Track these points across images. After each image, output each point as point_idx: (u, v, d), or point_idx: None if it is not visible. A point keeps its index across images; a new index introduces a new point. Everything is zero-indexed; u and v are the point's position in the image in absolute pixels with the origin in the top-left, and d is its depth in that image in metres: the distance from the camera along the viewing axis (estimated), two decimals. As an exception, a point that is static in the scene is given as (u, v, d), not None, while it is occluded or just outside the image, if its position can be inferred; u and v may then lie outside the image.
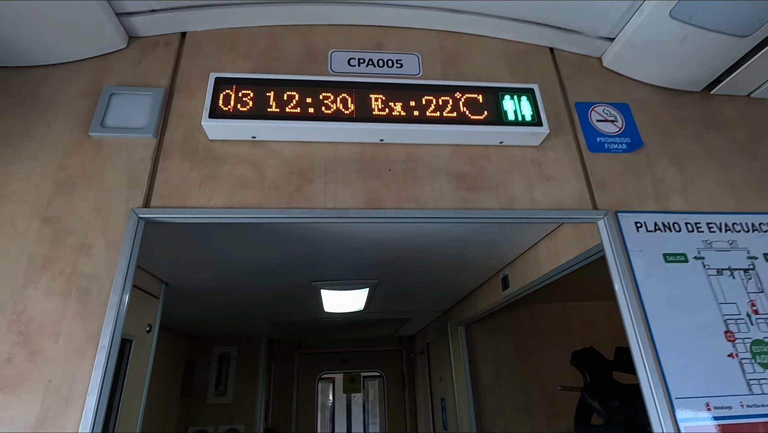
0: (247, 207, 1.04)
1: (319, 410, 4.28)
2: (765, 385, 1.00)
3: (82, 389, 0.84)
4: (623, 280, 1.07)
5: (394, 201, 1.09)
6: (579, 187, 1.18)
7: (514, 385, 2.55)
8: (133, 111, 1.12)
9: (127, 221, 0.99)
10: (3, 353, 0.86)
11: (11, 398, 0.83)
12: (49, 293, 0.91)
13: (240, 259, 1.62)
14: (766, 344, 1.04)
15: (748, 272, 1.13)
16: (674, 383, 0.98)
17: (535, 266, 1.60)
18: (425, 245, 1.58)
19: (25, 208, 0.99)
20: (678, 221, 1.17)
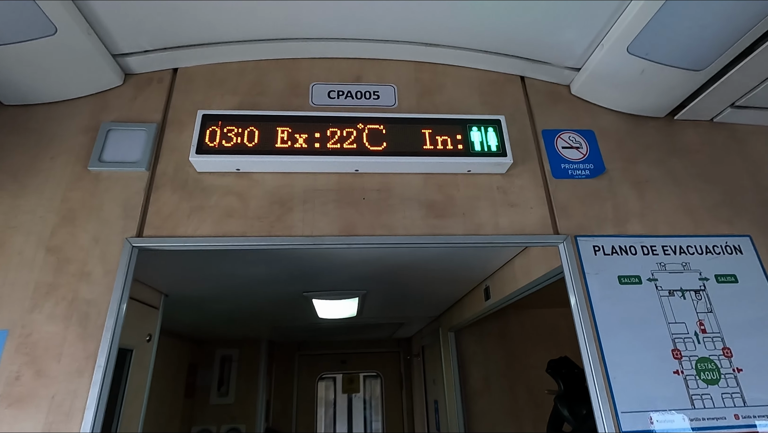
0: (231, 236, 1.14)
1: (322, 407, 4.39)
2: (707, 400, 1.08)
3: (81, 404, 0.95)
4: (578, 300, 1.15)
5: (368, 228, 1.19)
6: (542, 212, 1.26)
7: (502, 389, 2.63)
8: (128, 146, 1.22)
9: (121, 250, 1.09)
10: (12, 373, 0.96)
11: (20, 413, 0.93)
12: (52, 317, 1.02)
13: (233, 274, 1.73)
14: (711, 361, 1.12)
15: (698, 293, 1.20)
16: (621, 397, 1.06)
17: (512, 280, 1.69)
18: (407, 261, 1.67)
19: (32, 239, 1.10)
20: (635, 244, 1.25)
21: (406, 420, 4.07)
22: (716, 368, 1.12)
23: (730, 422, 1.06)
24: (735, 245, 1.28)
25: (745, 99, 1.39)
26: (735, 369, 1.12)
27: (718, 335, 1.16)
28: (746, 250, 1.28)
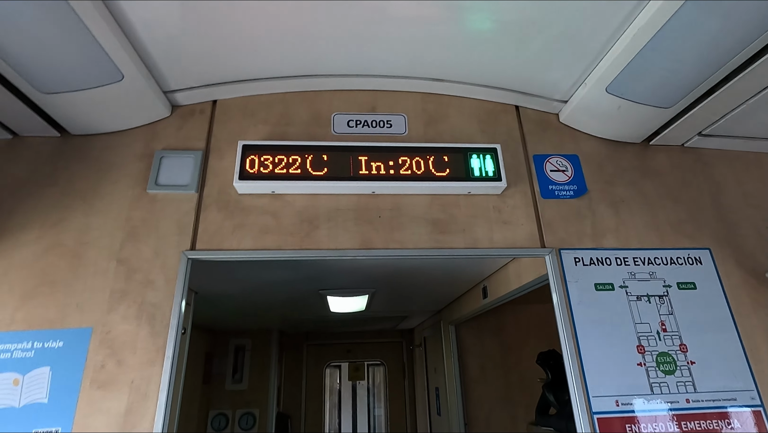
0: (268, 249, 1.36)
1: (327, 394, 4.65)
2: (665, 387, 1.31)
3: (155, 387, 1.18)
4: (560, 304, 1.38)
5: (383, 242, 1.41)
6: (531, 228, 1.48)
7: (497, 377, 2.88)
8: (178, 171, 1.44)
9: (179, 261, 1.32)
10: (99, 362, 1.19)
11: (107, 394, 1.16)
12: (126, 318, 1.24)
13: (259, 277, 1.95)
14: (669, 355, 1.35)
15: (662, 298, 1.43)
16: (592, 384, 1.29)
17: (505, 283, 1.91)
18: (413, 266, 1.89)
19: (104, 253, 1.32)
20: (609, 256, 1.47)
21: (408, 406, 4.33)
22: (673, 360, 1.34)
23: (682, 405, 1.29)
24: (696, 257, 1.50)
25: (709, 129, 1.59)
26: (689, 362, 1.35)
27: (677, 333, 1.38)
28: (705, 261, 1.50)
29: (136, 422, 1.14)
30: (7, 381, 1.15)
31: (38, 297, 1.25)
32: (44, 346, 1.19)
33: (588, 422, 1.25)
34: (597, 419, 1.26)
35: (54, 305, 1.24)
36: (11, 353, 1.18)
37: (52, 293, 1.26)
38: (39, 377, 1.16)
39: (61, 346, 1.20)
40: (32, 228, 1.33)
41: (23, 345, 1.19)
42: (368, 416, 5.80)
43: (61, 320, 1.23)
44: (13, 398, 1.14)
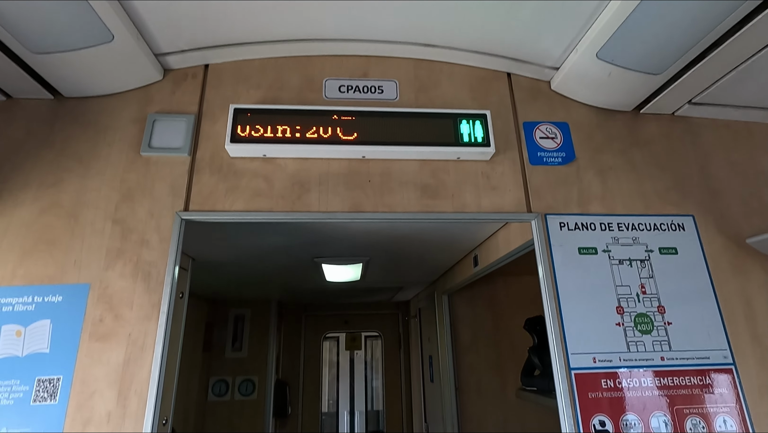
0: (260, 211, 1.39)
1: (326, 367, 4.79)
2: (641, 346, 1.37)
3: (152, 340, 1.23)
4: (544, 267, 1.42)
5: (372, 206, 1.44)
6: (518, 194, 1.51)
7: (488, 346, 2.96)
8: (171, 134, 1.46)
9: (173, 222, 1.35)
10: (97, 316, 1.24)
11: (105, 346, 1.22)
12: (123, 275, 1.29)
13: (254, 244, 1.99)
14: (647, 316, 1.40)
15: (643, 262, 1.47)
16: (572, 342, 1.35)
17: (495, 250, 1.95)
18: (405, 234, 1.93)
19: (100, 213, 1.35)
20: (594, 221, 1.50)
21: (403, 374, 4.47)
22: (651, 321, 1.40)
23: (657, 362, 1.35)
24: (679, 223, 1.53)
25: (699, 97, 1.60)
26: (666, 323, 1.40)
27: (656, 295, 1.43)
28: (688, 227, 1.53)
29: (134, 372, 1.20)
30: (11, 332, 1.21)
31: (37, 255, 1.29)
32: (44, 300, 1.24)
33: (566, 377, 1.31)
34: (574, 374, 1.32)
35: (52, 263, 1.29)
36: (13, 307, 1.23)
37: (50, 251, 1.30)
38: (40, 329, 1.21)
39: (61, 300, 1.25)
40: (30, 189, 1.37)
41: (24, 299, 1.24)
42: (365, 387, 5.99)
43: (59, 277, 1.27)
44: (16, 348, 1.19)
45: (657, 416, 1.30)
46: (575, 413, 1.28)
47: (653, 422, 1.29)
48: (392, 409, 4.42)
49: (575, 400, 1.29)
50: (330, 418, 5.76)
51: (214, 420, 3.76)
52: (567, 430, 1.26)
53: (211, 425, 3.74)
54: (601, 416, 1.28)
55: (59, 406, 1.15)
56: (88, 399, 1.17)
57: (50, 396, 1.16)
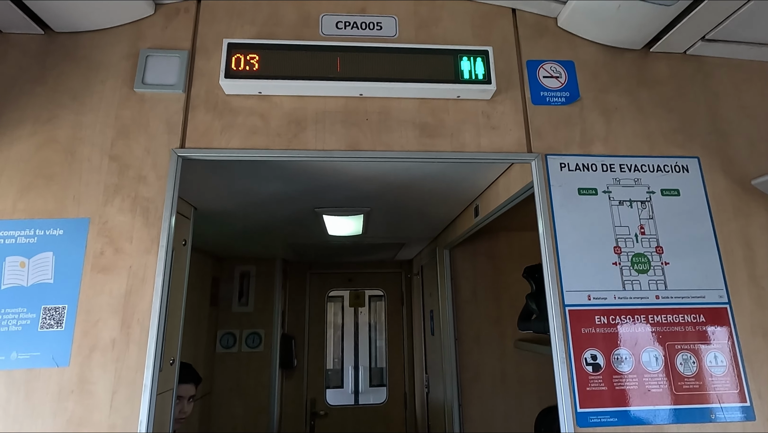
0: (256, 149, 1.38)
1: (330, 329, 4.90)
2: (636, 285, 1.37)
3: (152, 273, 1.26)
4: (542, 207, 1.41)
5: (370, 145, 1.42)
6: (519, 135, 1.48)
7: (488, 299, 3.00)
8: (165, 70, 1.43)
9: (169, 159, 1.35)
10: (98, 249, 1.27)
11: (107, 278, 1.25)
12: (122, 210, 1.30)
13: (253, 191, 1.99)
14: (644, 256, 1.40)
15: (644, 203, 1.45)
16: (567, 280, 1.36)
17: (495, 198, 1.94)
18: (405, 180, 1.91)
19: (96, 150, 1.35)
20: (596, 162, 1.47)
21: (405, 330, 4.58)
22: (648, 261, 1.39)
23: (651, 300, 1.36)
24: (683, 165, 1.50)
25: (713, 32, 1.52)
26: (663, 263, 1.40)
27: (655, 236, 1.42)
28: (692, 169, 1.50)
29: (136, 302, 1.24)
30: (15, 263, 1.23)
31: (36, 190, 1.30)
32: (45, 233, 1.26)
33: (560, 313, 1.33)
34: (568, 311, 1.33)
35: (52, 197, 1.30)
36: (15, 239, 1.25)
37: (48, 186, 1.31)
38: (43, 261, 1.24)
39: (62, 234, 1.27)
40: (25, 125, 1.36)
41: (26, 232, 1.26)
42: (369, 347, 6.18)
43: (59, 211, 1.29)
44: (21, 278, 1.22)
45: (648, 351, 1.32)
46: (567, 347, 1.30)
47: (644, 357, 1.31)
48: (395, 364, 4.56)
49: (568, 335, 1.31)
50: (335, 374, 5.97)
51: (223, 370, 3.91)
52: (559, 363, 1.29)
53: (220, 375, 3.90)
54: (593, 351, 1.31)
55: (66, 332, 1.20)
56: (93, 327, 1.21)
57: (56, 323, 1.20)
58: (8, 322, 1.19)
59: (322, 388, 4.41)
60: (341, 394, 5.77)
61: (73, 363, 1.18)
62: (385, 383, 4.61)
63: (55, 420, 1.14)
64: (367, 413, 4.40)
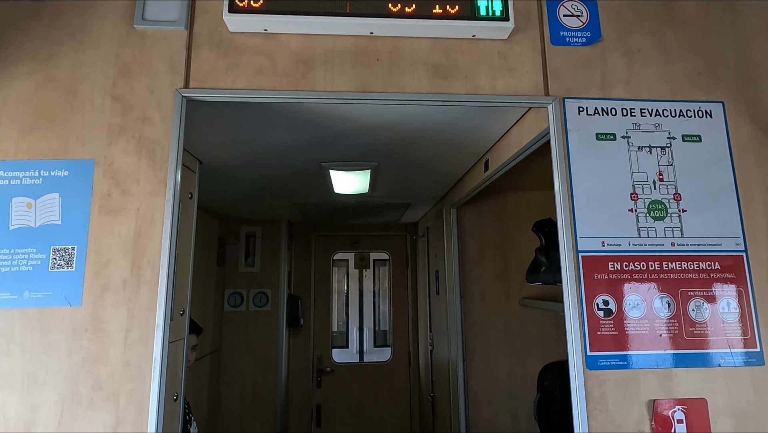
0: (263, 90, 1.33)
1: (335, 295, 4.95)
2: (651, 231, 1.35)
3: (160, 215, 1.24)
4: (558, 153, 1.37)
5: (381, 86, 1.36)
6: (536, 77, 1.41)
7: (495, 259, 3.01)
8: (166, 6, 1.36)
9: (173, 100, 1.30)
10: (105, 191, 1.24)
11: (115, 219, 1.23)
12: (127, 152, 1.27)
13: (258, 141, 1.95)
14: (661, 203, 1.37)
15: (664, 149, 1.40)
16: (581, 227, 1.33)
17: (507, 149, 1.89)
18: (415, 130, 1.86)
19: (98, 89, 1.30)
20: (615, 106, 1.42)
21: (410, 292, 4.63)
22: (665, 208, 1.36)
23: (666, 247, 1.34)
24: (707, 110, 1.44)
25: (748, -33, 1.42)
26: (680, 210, 1.37)
27: (673, 183, 1.38)
28: (716, 115, 1.44)
29: (145, 244, 1.23)
30: (22, 204, 1.22)
31: (38, 130, 1.27)
32: (51, 174, 1.24)
33: (573, 259, 1.31)
34: (582, 257, 1.31)
35: (55, 138, 1.27)
36: (20, 180, 1.23)
37: (51, 127, 1.27)
38: (50, 202, 1.22)
39: (67, 175, 1.24)
40: (23, 63, 1.31)
41: (31, 173, 1.24)
42: (373, 311, 6.30)
43: (63, 152, 1.26)
44: (29, 219, 1.21)
45: (660, 297, 1.31)
46: (580, 292, 1.29)
47: (656, 303, 1.30)
48: (399, 325, 4.64)
49: (581, 280, 1.30)
50: (340, 335, 6.12)
51: (231, 328, 4.00)
52: (571, 308, 1.28)
53: (229, 332, 3.98)
54: (605, 296, 1.30)
55: (76, 273, 1.19)
56: (104, 267, 1.21)
57: (67, 264, 1.20)
58: (19, 262, 1.19)
59: (328, 346, 4.51)
60: (346, 353, 5.93)
61: (85, 303, 1.18)
62: (389, 344, 4.71)
63: (71, 357, 1.15)
64: (372, 370, 4.52)
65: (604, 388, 1.24)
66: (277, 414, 3.86)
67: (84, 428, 1.12)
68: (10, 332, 1.16)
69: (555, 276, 1.76)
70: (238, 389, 3.87)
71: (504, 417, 2.79)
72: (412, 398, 4.44)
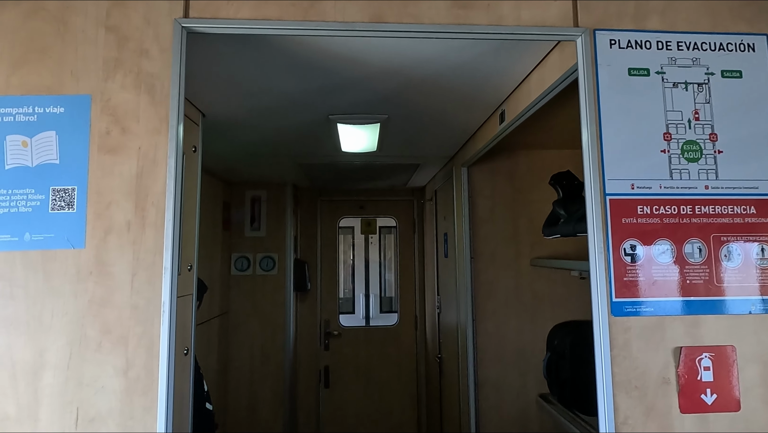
0: (268, 20, 1.23)
1: (342, 265, 4.93)
2: (684, 173, 1.27)
3: (163, 154, 1.17)
4: (587, 89, 1.27)
5: (396, 16, 1.26)
6: (564, 6, 1.30)
7: (506, 219, 2.94)
8: (160, -73, 1.24)
9: (173, 30, 1.20)
10: (103, 128, 1.17)
11: (116, 158, 1.16)
12: (124, 87, 1.19)
13: (263, 90, 1.85)
14: (696, 143, 1.28)
15: (701, 86, 1.30)
16: (610, 168, 1.25)
17: (526, 96, 1.79)
18: (427, 75, 1.75)
19: (90, 19, 1.20)
20: (650, 39, 1.31)
21: (417, 257, 4.60)
22: (700, 149, 1.28)
23: (700, 191, 1.26)
24: (749, 43, 1.33)
25: None
26: (716, 151, 1.28)
27: (710, 122, 1.29)
28: (759, 48, 1.33)
29: (149, 184, 1.16)
30: (17, 142, 1.15)
31: (29, 64, 1.18)
32: (45, 111, 1.16)
33: (600, 203, 1.24)
34: (609, 200, 1.24)
35: (47, 72, 1.18)
36: (14, 117, 1.16)
37: (43, 60, 1.19)
38: (46, 140, 1.15)
39: (63, 112, 1.17)
40: (8, -10, 1.21)
41: (24, 109, 1.16)
42: (379, 278, 6.31)
43: (57, 87, 1.18)
44: (25, 158, 1.14)
45: (692, 242, 1.24)
46: (606, 237, 1.23)
47: (687, 248, 1.24)
48: (406, 290, 4.64)
49: (608, 225, 1.23)
50: (347, 301, 6.16)
51: (239, 291, 4.00)
52: (596, 253, 1.22)
53: (236, 296, 3.99)
54: (632, 241, 1.23)
55: (78, 214, 1.14)
56: (106, 209, 1.15)
57: (67, 205, 1.14)
58: (17, 203, 1.13)
59: (335, 311, 4.53)
60: (353, 318, 5.99)
61: (88, 245, 1.13)
62: (396, 310, 4.73)
63: (76, 300, 1.11)
64: (379, 333, 4.56)
65: (628, 335, 1.20)
66: (286, 375, 3.92)
67: (94, 372, 1.10)
68: (13, 274, 1.11)
69: (575, 227, 1.69)
70: (247, 351, 3.92)
71: (513, 375, 2.80)
72: (419, 359, 4.49)
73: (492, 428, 2.77)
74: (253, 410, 3.80)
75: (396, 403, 4.40)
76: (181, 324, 1.77)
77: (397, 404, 4.40)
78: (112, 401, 1.09)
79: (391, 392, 4.40)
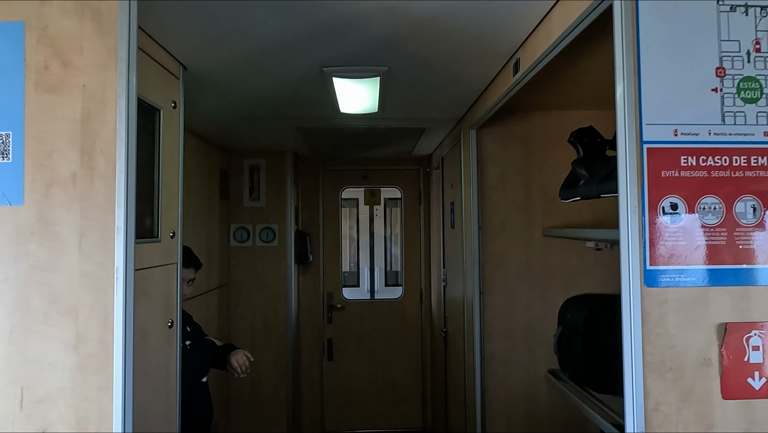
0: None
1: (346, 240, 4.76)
2: (740, 117, 1.05)
3: (112, 93, 0.98)
4: (624, 14, 1.04)
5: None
6: None
7: (517, 186, 2.73)
8: None
9: (120, -57, 0.99)
10: (40, 62, 0.98)
11: (57, 99, 0.98)
12: (64, 11, 0.99)
13: (247, 33, 1.64)
14: (756, 80, 1.05)
15: (764, 9, 1.06)
16: (648, 111, 1.04)
17: (546, 38, 1.55)
18: (431, 16, 1.52)
19: (21, -72, 1.00)
20: (704, -49, 1.06)
21: (423, 228, 4.43)
22: (760, 87, 1.05)
23: (757, 138, 1.05)
24: (827, -44, 1.08)
25: None
26: (780, 90, 1.05)
27: (773, 54, 1.06)
28: (838, -37, 1.08)
29: (97, 129, 0.98)
30: (-62, 79, 0.97)
31: (-49, -16, 0.99)
32: (-30, 41, 0.97)
33: (636, 152, 1.03)
34: (647, 149, 1.03)
35: (-28, -5, 0.99)
36: (-67, 48, 0.97)
37: (-34, -20, 0.99)
38: (-28, 75, 0.97)
39: (-9, 42, 0.98)
40: None
41: (-55, 39, 0.97)
42: (384, 252, 6.17)
43: (-16, 12, 0.98)
44: (-52, 97, 0.97)
45: (745, 200, 1.04)
46: (642, 193, 1.03)
47: (738, 207, 1.04)
48: (411, 263, 4.50)
49: (644, 179, 1.03)
50: (351, 275, 6.05)
51: (238, 263, 3.89)
52: (629, 212, 1.02)
53: (236, 267, 3.88)
54: (673, 198, 1.03)
55: (14, 164, 0.97)
56: (47, 158, 0.97)
57: (2, 154, 0.96)
58: (-60, 150, 0.96)
59: (338, 284, 4.42)
60: (357, 291, 5.88)
61: (28, 201, 0.97)
62: (401, 283, 4.59)
63: (17, 264, 0.96)
64: (383, 307, 4.45)
65: (664, 308, 1.01)
66: (289, 347, 3.84)
67: (40, 346, 0.95)
68: (-61, 234, 0.96)
69: (599, 187, 1.49)
70: (249, 323, 3.83)
71: (521, 350, 2.66)
72: (424, 333, 4.38)
73: (498, 403, 2.65)
74: (256, 383, 3.74)
75: (400, 376, 4.33)
76: (165, 295, 1.63)
77: (401, 377, 4.33)
78: (63, 380, 0.95)
79: (395, 366, 4.32)
